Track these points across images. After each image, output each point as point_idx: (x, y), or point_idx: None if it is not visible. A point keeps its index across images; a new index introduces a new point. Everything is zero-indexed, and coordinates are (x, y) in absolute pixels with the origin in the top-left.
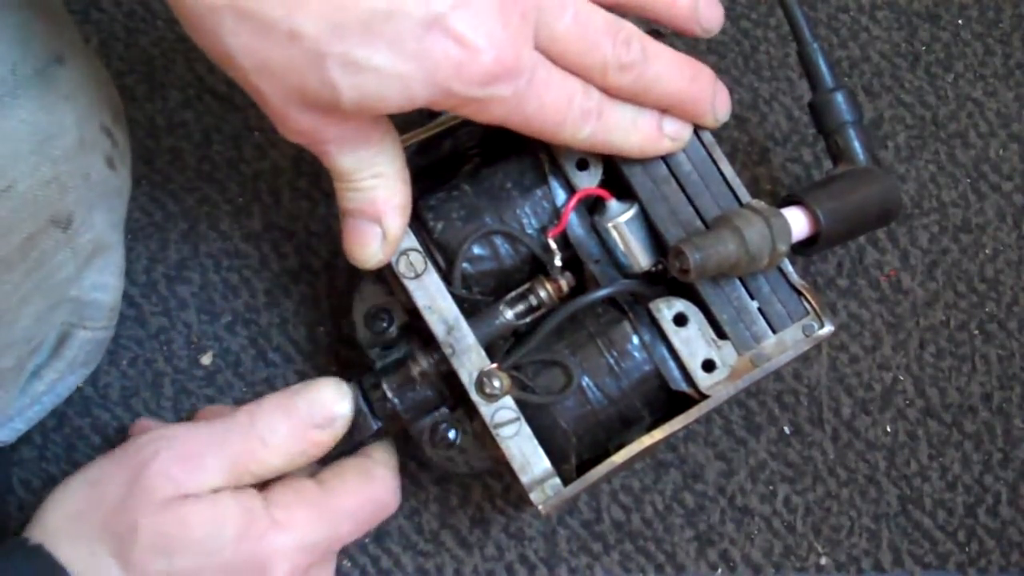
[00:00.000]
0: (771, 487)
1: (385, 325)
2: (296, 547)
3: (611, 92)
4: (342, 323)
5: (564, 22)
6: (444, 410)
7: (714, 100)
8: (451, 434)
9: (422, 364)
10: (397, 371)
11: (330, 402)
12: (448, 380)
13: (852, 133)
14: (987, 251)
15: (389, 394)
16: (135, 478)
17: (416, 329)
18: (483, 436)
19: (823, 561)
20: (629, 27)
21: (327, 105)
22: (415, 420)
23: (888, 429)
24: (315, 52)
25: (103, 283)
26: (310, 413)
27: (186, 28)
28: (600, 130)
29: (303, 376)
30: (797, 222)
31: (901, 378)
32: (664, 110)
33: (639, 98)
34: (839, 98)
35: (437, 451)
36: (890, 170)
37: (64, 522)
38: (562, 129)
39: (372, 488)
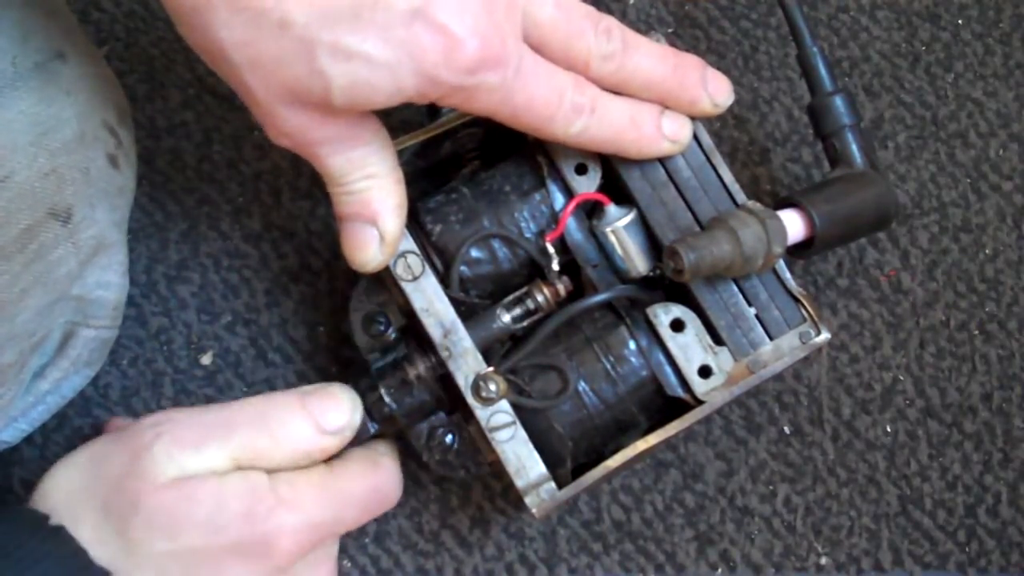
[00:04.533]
0: (771, 487)
1: (382, 328)
2: (301, 525)
3: (597, 84)
4: (342, 323)
5: (547, 10)
6: (441, 415)
7: (705, 85)
8: (448, 438)
9: (419, 368)
10: (394, 374)
11: (345, 410)
12: (445, 384)
13: (850, 136)
14: (987, 251)
15: (387, 399)
16: (136, 458)
17: (414, 332)
18: (479, 439)
19: (823, 561)
20: (610, 18)
21: (318, 99)
22: (412, 424)
23: (888, 429)
24: (306, 40)
25: (106, 281)
26: (324, 418)
27: (178, 24)
28: (593, 125)
29: (303, 376)
30: (792, 224)
31: (901, 378)
32: (656, 102)
33: (624, 88)
34: (837, 101)
35: (434, 455)
36: (888, 174)
37: (67, 497)
38: (552, 123)
39: (377, 476)
